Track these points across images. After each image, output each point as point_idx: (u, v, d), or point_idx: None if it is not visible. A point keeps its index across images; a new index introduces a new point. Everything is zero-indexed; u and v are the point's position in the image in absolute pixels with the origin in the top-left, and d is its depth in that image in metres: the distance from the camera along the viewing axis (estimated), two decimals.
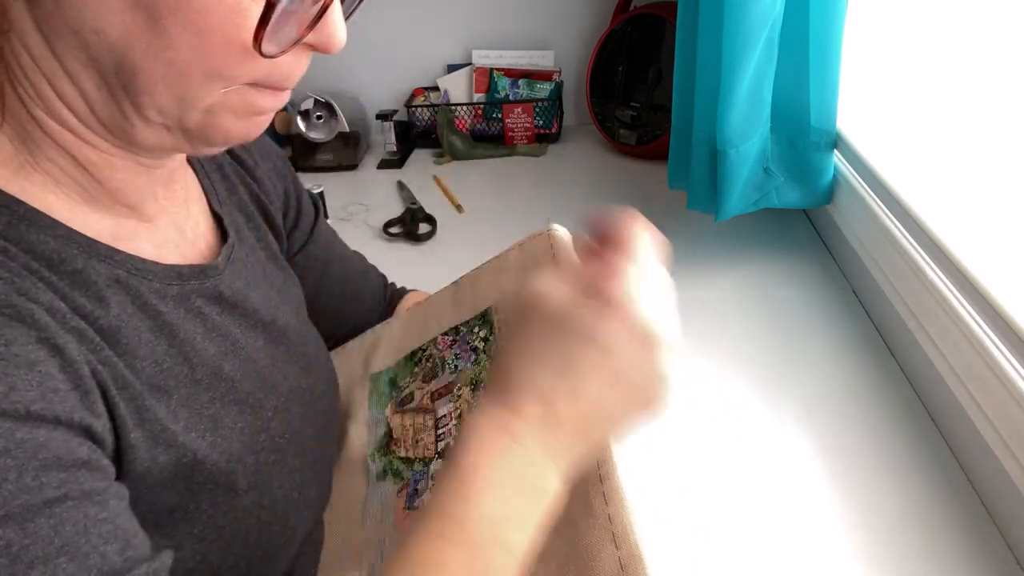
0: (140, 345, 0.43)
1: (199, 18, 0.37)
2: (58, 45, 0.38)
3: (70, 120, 0.41)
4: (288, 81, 0.43)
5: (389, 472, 0.59)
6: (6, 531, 0.32)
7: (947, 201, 0.88)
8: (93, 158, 0.42)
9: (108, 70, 0.39)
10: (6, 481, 0.32)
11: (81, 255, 0.41)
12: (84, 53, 0.38)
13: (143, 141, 0.43)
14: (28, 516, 0.33)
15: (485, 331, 0.62)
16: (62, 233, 0.41)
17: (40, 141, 0.41)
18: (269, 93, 0.43)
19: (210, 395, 0.47)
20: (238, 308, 0.52)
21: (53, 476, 0.34)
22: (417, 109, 1.67)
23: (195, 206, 0.54)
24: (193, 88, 0.40)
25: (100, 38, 0.37)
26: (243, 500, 0.46)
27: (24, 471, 0.33)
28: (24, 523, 0.32)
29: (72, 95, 0.40)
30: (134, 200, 0.46)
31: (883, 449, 0.79)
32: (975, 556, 0.67)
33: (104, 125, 0.42)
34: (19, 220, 0.39)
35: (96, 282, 0.41)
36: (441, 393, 0.61)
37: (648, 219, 0.46)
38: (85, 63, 0.39)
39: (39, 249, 0.39)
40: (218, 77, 0.40)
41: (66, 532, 0.34)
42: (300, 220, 0.68)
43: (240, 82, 0.41)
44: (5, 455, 0.33)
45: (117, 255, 0.44)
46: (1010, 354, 0.67)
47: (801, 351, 0.95)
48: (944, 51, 1.01)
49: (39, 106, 0.40)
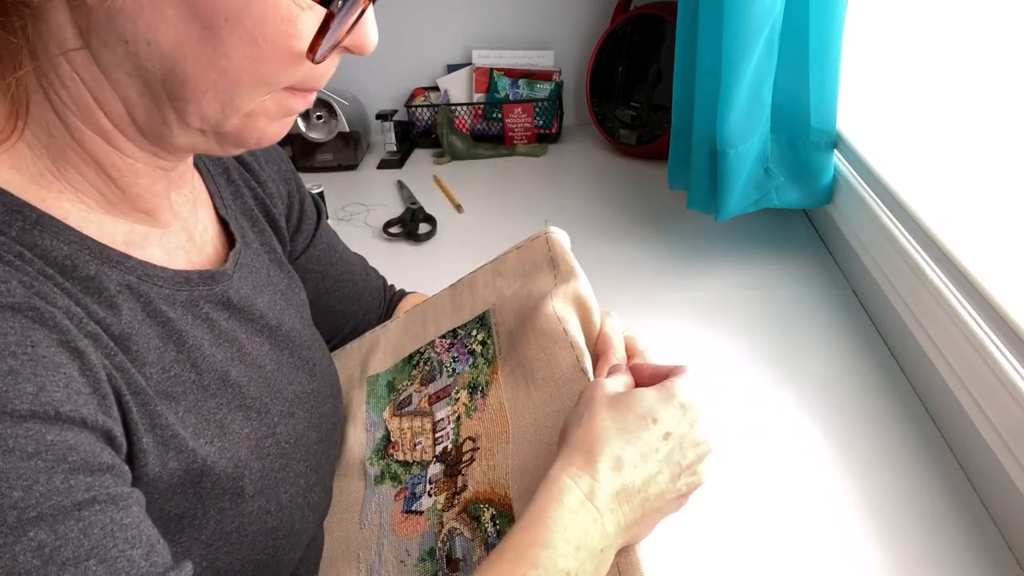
0: (150, 351, 0.43)
1: (255, 28, 0.38)
2: (104, 54, 0.38)
3: (105, 126, 0.41)
4: (321, 83, 0.44)
5: (387, 475, 0.59)
6: (38, 532, 0.32)
7: (947, 201, 0.88)
8: (119, 164, 0.43)
9: (155, 79, 0.39)
10: (37, 483, 0.32)
11: (93, 261, 0.41)
12: (131, 63, 0.38)
13: (178, 144, 0.43)
14: (59, 518, 0.33)
15: (483, 334, 0.62)
16: (75, 239, 0.41)
17: (66, 148, 0.41)
18: (302, 95, 0.44)
19: (217, 401, 0.47)
20: (245, 313, 0.52)
21: (81, 479, 0.34)
22: (417, 109, 1.67)
23: (203, 211, 0.54)
24: (241, 95, 0.40)
25: (152, 48, 0.38)
26: (250, 505, 0.46)
27: (54, 473, 0.33)
28: (55, 525, 0.33)
29: (111, 102, 0.40)
30: (151, 206, 0.47)
31: (883, 448, 0.79)
32: (975, 556, 0.67)
33: (140, 131, 0.42)
34: (32, 225, 0.39)
35: (108, 288, 0.42)
36: (439, 396, 0.61)
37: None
38: (131, 71, 0.39)
39: (52, 255, 0.39)
40: (265, 84, 0.41)
41: (95, 535, 0.34)
42: (303, 223, 0.68)
43: (282, 87, 0.42)
44: (36, 457, 0.33)
45: (128, 261, 0.44)
46: (1010, 354, 0.67)
47: (801, 351, 0.95)
48: (944, 51, 1.01)
49: (74, 113, 0.40)
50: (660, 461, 0.47)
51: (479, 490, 0.52)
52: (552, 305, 0.57)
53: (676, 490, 0.48)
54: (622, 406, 0.48)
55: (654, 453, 0.47)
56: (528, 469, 0.51)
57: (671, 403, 0.49)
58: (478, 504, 0.52)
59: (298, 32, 0.39)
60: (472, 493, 0.53)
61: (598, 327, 0.57)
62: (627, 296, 1.08)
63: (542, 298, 0.58)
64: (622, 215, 1.31)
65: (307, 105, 0.45)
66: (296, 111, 0.45)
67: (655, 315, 1.04)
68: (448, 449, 0.57)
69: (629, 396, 0.49)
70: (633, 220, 1.28)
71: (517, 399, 0.55)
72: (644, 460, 0.46)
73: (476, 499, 0.52)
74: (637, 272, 1.14)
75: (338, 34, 0.40)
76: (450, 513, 0.53)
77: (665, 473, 0.47)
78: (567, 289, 0.58)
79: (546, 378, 0.54)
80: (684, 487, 0.49)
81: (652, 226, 1.25)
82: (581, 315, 0.58)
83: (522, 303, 0.60)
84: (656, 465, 0.47)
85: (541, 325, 0.56)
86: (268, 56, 0.39)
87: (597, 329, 0.57)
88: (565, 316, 0.56)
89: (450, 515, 0.53)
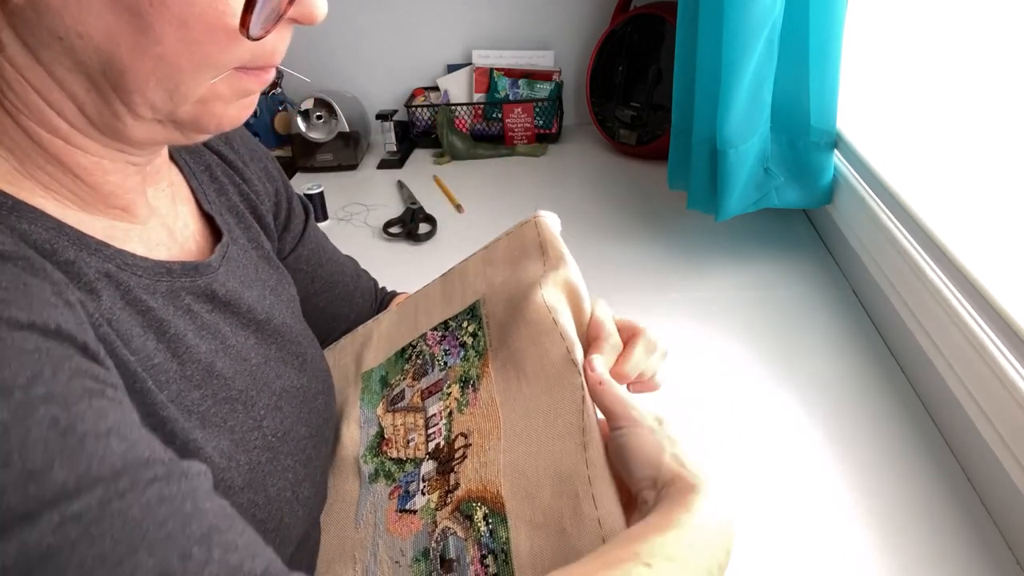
0: (132, 338, 0.43)
1: (182, 9, 0.37)
2: (43, 53, 0.38)
3: (61, 127, 0.41)
4: (273, 59, 0.43)
5: (381, 474, 0.59)
6: (49, 408, 0.31)
7: (947, 201, 0.88)
8: (84, 163, 0.42)
9: (96, 72, 0.39)
10: (41, 374, 0.32)
11: (72, 247, 0.41)
12: (70, 58, 0.38)
13: (136, 138, 0.42)
14: (72, 399, 0.32)
15: (473, 325, 0.61)
16: (52, 225, 0.41)
17: (30, 151, 0.41)
18: (255, 74, 0.43)
19: (201, 392, 0.46)
20: (230, 307, 0.52)
21: (87, 381, 0.34)
22: (417, 109, 1.67)
23: (184, 207, 0.54)
24: (184, 81, 0.40)
25: (85, 41, 0.37)
26: (239, 498, 0.46)
27: (59, 369, 0.33)
28: (68, 404, 0.32)
29: (61, 101, 0.40)
30: (126, 202, 0.46)
31: (883, 448, 0.79)
32: (975, 556, 0.67)
33: (95, 127, 0.42)
34: (8, 212, 0.39)
35: (87, 274, 0.41)
36: (431, 391, 0.60)
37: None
38: (71, 68, 0.39)
39: (32, 238, 0.39)
40: (207, 66, 0.40)
41: (111, 418, 0.33)
42: (291, 222, 0.68)
43: (228, 68, 0.41)
44: (36, 353, 0.32)
45: (107, 249, 0.43)
46: (1010, 354, 0.67)
47: (801, 351, 0.95)
48: (944, 51, 1.01)
49: (28, 117, 0.40)
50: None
51: (471, 488, 0.52)
52: (541, 294, 0.56)
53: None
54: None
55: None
56: (519, 466, 0.51)
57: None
58: (471, 503, 0.51)
59: (230, 9, 0.38)
60: (464, 491, 0.52)
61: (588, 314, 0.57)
62: (627, 296, 1.08)
63: (532, 287, 0.57)
64: (622, 215, 1.31)
65: (263, 85, 0.44)
66: (253, 91, 0.44)
67: (655, 315, 1.04)
68: (440, 445, 0.56)
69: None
70: (633, 220, 1.28)
71: (508, 393, 0.55)
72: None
73: (468, 497, 0.52)
74: (637, 272, 1.13)
75: (274, 5, 0.39)
76: (443, 512, 0.52)
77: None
78: (556, 276, 0.57)
79: (536, 371, 0.54)
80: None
81: (652, 226, 1.25)
82: (572, 302, 0.57)
83: (512, 292, 0.59)
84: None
85: (531, 316, 0.55)
86: (202, 37, 0.38)
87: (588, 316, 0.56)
88: (555, 306, 0.55)
89: (443, 514, 0.52)
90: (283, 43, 0.43)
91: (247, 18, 0.38)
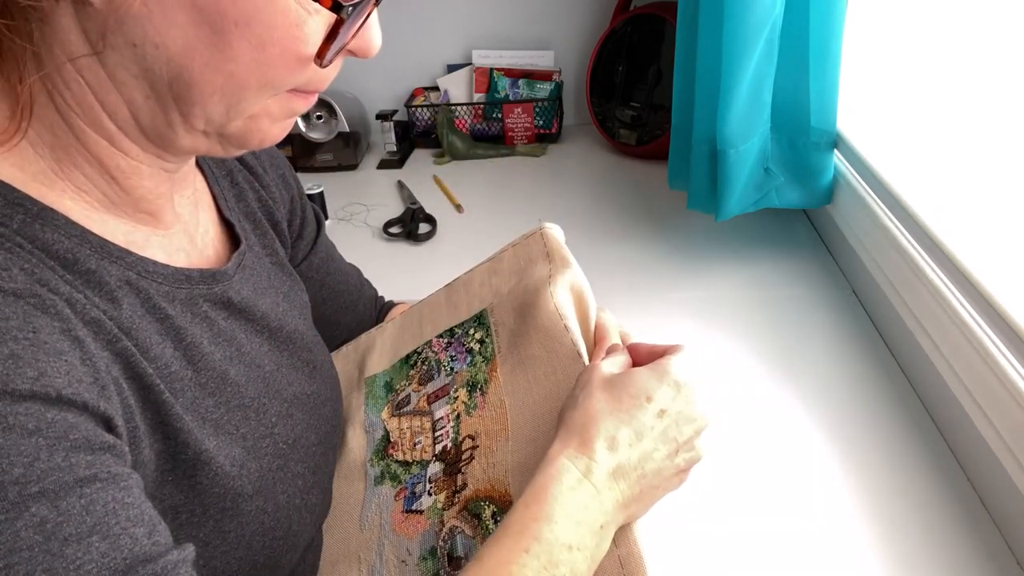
0: (151, 346, 0.43)
1: (264, 32, 0.38)
2: (110, 57, 0.38)
3: (109, 128, 0.41)
4: (325, 84, 0.45)
5: (387, 476, 0.59)
6: (39, 507, 0.32)
7: (947, 201, 0.88)
8: (123, 166, 0.43)
9: (162, 81, 0.39)
10: (38, 460, 0.32)
11: (94, 255, 0.42)
12: (138, 65, 0.39)
13: (181, 147, 0.43)
14: (60, 494, 0.33)
15: (481, 333, 0.62)
16: (75, 232, 0.41)
17: (70, 148, 0.41)
18: (304, 96, 0.44)
19: (215, 400, 0.47)
20: (245, 314, 0.52)
21: (82, 457, 0.34)
22: (417, 109, 1.67)
23: (205, 213, 0.54)
24: (247, 98, 0.41)
25: (160, 51, 0.38)
26: (249, 505, 0.46)
27: (55, 450, 0.33)
28: (57, 501, 0.32)
29: (116, 104, 0.40)
30: (155, 207, 0.47)
31: (883, 448, 0.79)
32: (975, 556, 0.67)
33: (144, 133, 0.42)
34: (33, 219, 0.39)
35: (108, 282, 0.42)
36: (437, 395, 0.61)
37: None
38: (137, 74, 0.39)
39: (53, 248, 0.39)
40: (271, 86, 0.41)
41: (97, 511, 0.34)
42: (304, 230, 0.68)
43: (285, 89, 0.42)
44: (36, 434, 0.33)
45: (128, 256, 0.44)
46: (1010, 354, 0.67)
47: (801, 351, 0.95)
48: (944, 51, 1.01)
49: (78, 115, 0.40)
50: (655, 439, 0.48)
51: (479, 488, 0.52)
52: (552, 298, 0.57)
53: (674, 466, 0.49)
54: (616, 387, 0.49)
55: (649, 431, 0.48)
56: (528, 466, 0.51)
57: (665, 381, 0.50)
58: (479, 502, 0.52)
59: (305, 36, 0.39)
60: (472, 491, 0.53)
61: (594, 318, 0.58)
62: (627, 296, 1.08)
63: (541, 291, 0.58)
64: (622, 215, 1.31)
65: (309, 106, 0.46)
66: (299, 112, 0.45)
67: (655, 315, 1.04)
68: (448, 448, 0.57)
69: (623, 377, 0.50)
70: (633, 220, 1.28)
71: (517, 396, 0.55)
72: (639, 438, 0.48)
73: (476, 497, 0.52)
74: (637, 272, 1.14)
75: (345, 38, 0.41)
76: (451, 511, 0.53)
77: (661, 450, 0.48)
78: (564, 280, 0.58)
79: (547, 374, 0.55)
80: (683, 462, 0.50)
81: (652, 226, 1.25)
82: (578, 306, 0.58)
83: (520, 300, 0.60)
84: (651, 443, 0.48)
85: (543, 322, 0.56)
86: (275, 60, 0.39)
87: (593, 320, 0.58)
88: (565, 312, 0.56)
89: (451, 513, 0.53)
90: (336, 71, 0.45)
91: (326, 47, 0.40)
